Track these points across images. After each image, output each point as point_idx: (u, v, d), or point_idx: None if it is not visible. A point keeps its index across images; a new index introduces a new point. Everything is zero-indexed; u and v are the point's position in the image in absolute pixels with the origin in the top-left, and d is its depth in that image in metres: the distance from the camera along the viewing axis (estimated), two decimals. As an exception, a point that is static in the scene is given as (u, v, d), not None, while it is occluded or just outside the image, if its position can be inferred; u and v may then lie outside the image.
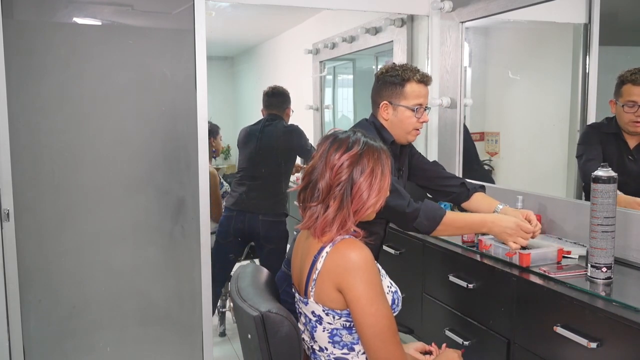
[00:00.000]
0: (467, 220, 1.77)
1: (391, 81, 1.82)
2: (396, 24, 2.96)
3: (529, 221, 1.75)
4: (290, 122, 3.28)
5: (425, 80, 1.83)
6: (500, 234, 1.71)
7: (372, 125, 1.86)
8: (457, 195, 2.00)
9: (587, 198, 1.88)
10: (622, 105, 1.87)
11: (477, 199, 1.98)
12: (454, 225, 1.74)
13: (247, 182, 3.12)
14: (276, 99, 3.26)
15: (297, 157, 3.34)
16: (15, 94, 2.10)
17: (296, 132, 3.20)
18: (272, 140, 3.15)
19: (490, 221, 1.72)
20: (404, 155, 1.96)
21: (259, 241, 3.14)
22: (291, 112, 3.32)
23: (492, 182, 2.54)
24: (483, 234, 1.90)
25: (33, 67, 2.14)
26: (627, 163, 1.92)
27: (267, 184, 3.12)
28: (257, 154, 3.13)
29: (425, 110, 1.84)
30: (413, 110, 1.81)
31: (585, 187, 2.01)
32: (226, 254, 3.14)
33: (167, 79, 2.31)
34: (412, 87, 1.81)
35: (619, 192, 1.55)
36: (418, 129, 1.85)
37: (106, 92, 2.25)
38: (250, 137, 3.19)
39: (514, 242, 1.69)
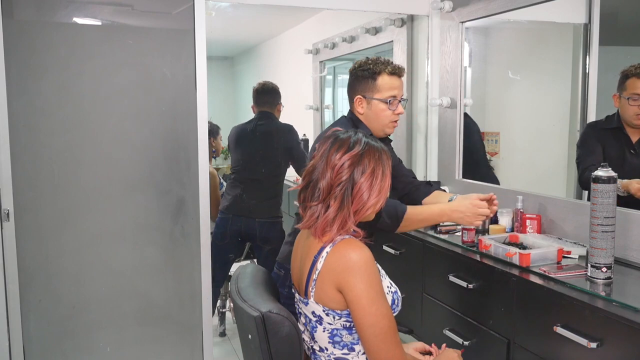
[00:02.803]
0: (426, 212, 1.77)
1: (363, 75, 1.83)
2: (396, 24, 2.96)
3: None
4: (286, 121, 3.24)
5: (397, 72, 1.83)
6: (461, 219, 1.74)
7: (349, 122, 1.87)
8: (422, 192, 2.02)
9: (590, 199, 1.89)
10: (628, 99, 1.89)
11: (435, 194, 2.01)
12: (415, 219, 1.74)
13: (242, 184, 3.05)
14: (268, 96, 3.18)
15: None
16: (15, 94, 2.11)
17: (293, 131, 3.15)
18: (267, 140, 3.07)
19: (449, 209, 1.74)
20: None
21: (256, 242, 3.11)
22: (282, 107, 3.25)
23: (498, 183, 2.53)
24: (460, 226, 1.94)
25: (33, 67, 2.14)
26: (628, 157, 1.93)
27: (264, 186, 3.05)
28: (252, 154, 3.06)
29: (400, 102, 1.85)
30: (386, 103, 1.82)
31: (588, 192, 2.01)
32: (223, 254, 3.10)
33: (167, 79, 2.32)
34: (383, 80, 1.82)
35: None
36: (395, 121, 1.87)
37: (106, 92, 2.25)
38: (243, 137, 3.11)
39: (477, 221, 1.74)
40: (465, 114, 2.61)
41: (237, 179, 3.09)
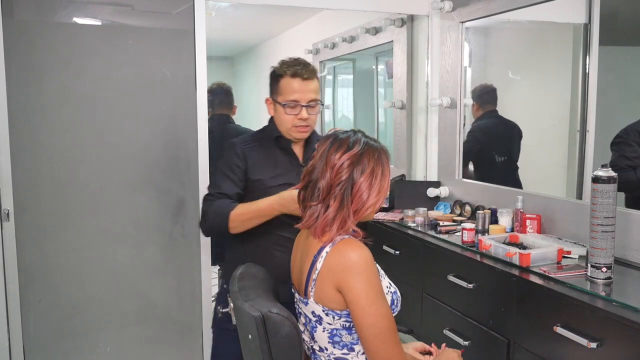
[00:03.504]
0: (253, 208, 1.67)
1: (271, 76, 1.77)
2: (396, 24, 2.96)
3: None
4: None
5: (299, 74, 1.71)
6: (284, 208, 1.62)
7: (266, 126, 1.83)
8: None
9: (629, 205, 1.85)
10: None
11: None
12: (243, 218, 1.67)
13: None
14: (225, 97, 3.05)
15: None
16: (15, 94, 2.11)
17: None
18: None
19: (276, 202, 1.63)
20: (307, 150, 1.82)
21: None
22: (236, 109, 3.12)
23: (521, 187, 2.42)
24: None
25: (33, 67, 2.14)
26: None
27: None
28: None
29: (304, 107, 1.72)
30: (283, 106, 1.72)
31: (626, 197, 1.92)
32: None
33: (167, 79, 2.32)
34: (284, 83, 1.72)
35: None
36: (300, 126, 1.74)
37: (106, 92, 2.25)
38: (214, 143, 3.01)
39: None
40: (501, 117, 2.54)
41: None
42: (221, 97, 3.08)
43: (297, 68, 1.72)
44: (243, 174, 1.75)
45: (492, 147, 2.62)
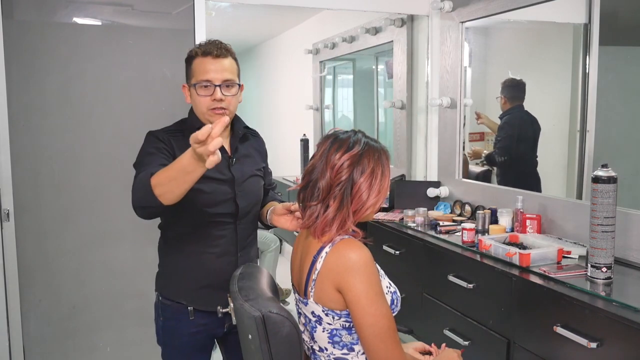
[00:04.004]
0: (174, 165, 1.38)
1: (185, 61, 1.65)
2: (396, 24, 2.96)
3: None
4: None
5: (209, 52, 1.58)
6: (201, 151, 1.26)
7: (189, 113, 1.70)
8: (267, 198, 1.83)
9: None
10: None
11: (269, 200, 1.81)
12: (167, 177, 1.38)
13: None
14: None
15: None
16: (15, 94, 2.11)
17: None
18: None
19: (190, 149, 1.29)
20: (234, 140, 1.71)
21: None
22: None
23: (540, 190, 2.36)
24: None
25: (33, 67, 2.14)
26: None
27: None
28: None
29: (217, 87, 1.57)
30: (195, 87, 1.59)
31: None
32: None
33: (167, 79, 2.32)
34: (196, 63, 1.60)
35: None
36: (214, 109, 1.59)
37: (106, 92, 2.25)
38: None
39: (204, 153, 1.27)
40: (527, 112, 2.48)
41: None
42: None
43: (209, 46, 1.60)
44: (171, 155, 1.61)
45: (522, 141, 2.61)
